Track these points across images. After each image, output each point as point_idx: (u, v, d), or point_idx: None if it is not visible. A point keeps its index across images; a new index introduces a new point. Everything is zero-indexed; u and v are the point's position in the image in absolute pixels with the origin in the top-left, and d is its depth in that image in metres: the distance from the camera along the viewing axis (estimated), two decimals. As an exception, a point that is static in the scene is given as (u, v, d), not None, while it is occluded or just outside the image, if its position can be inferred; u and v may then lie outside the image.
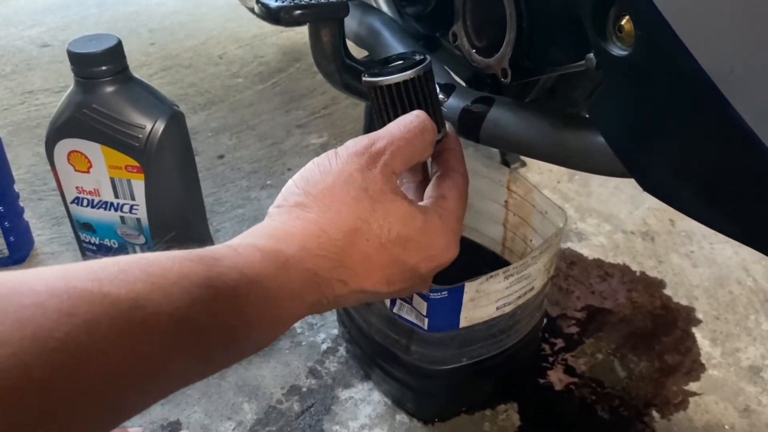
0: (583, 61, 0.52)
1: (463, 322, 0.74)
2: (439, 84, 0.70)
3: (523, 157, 1.34)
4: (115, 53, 0.82)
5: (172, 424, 0.84)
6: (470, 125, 0.66)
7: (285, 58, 1.81)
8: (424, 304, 0.72)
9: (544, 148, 0.62)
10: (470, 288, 0.70)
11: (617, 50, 0.47)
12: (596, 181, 1.32)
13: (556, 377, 0.92)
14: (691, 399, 0.89)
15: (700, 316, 1.02)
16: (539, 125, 0.62)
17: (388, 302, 0.75)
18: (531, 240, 0.87)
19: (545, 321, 0.99)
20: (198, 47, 1.87)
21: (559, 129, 0.61)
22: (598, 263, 1.12)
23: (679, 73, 0.42)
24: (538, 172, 1.34)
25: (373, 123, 1.28)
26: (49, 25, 2.00)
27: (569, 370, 0.93)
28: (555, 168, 1.34)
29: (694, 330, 1.00)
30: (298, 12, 0.57)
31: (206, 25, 2.00)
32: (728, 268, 1.11)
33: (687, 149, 0.45)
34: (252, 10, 1.27)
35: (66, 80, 1.69)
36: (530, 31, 0.57)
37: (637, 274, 1.10)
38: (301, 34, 1.91)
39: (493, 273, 0.70)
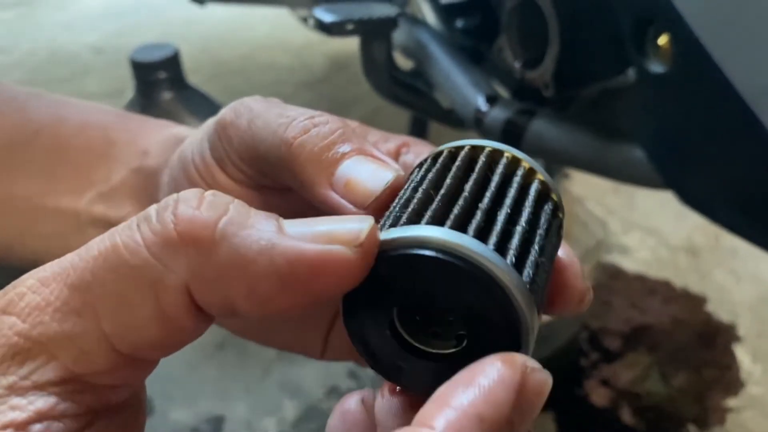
0: (623, 76, 0.53)
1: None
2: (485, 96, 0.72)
3: (566, 169, 1.34)
4: (173, 62, 0.86)
5: (216, 418, 0.87)
6: (513, 135, 0.67)
7: (331, 66, 1.85)
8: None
9: (583, 158, 0.63)
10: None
11: (655, 67, 0.49)
12: (641, 195, 1.32)
13: (595, 389, 0.92)
14: (729, 415, 0.89)
15: (741, 332, 1.01)
16: (579, 137, 0.64)
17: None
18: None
19: (586, 333, 1.00)
20: (247, 55, 1.91)
21: (599, 141, 0.62)
22: (641, 277, 1.12)
23: (713, 91, 0.44)
24: (582, 184, 1.34)
25: (416, 134, 1.29)
26: (104, 32, 2.07)
27: (608, 383, 0.93)
28: (599, 181, 1.34)
29: (735, 346, 0.99)
30: (351, 26, 0.60)
31: (256, 33, 2.04)
32: (772, 285, 1.10)
33: (721, 164, 0.46)
34: (303, 19, 1.31)
35: (120, 85, 1.75)
36: (572, 45, 0.59)
37: (680, 289, 1.09)
38: (346, 43, 1.94)
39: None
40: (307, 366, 0.95)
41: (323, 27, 0.59)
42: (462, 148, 0.26)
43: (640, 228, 1.23)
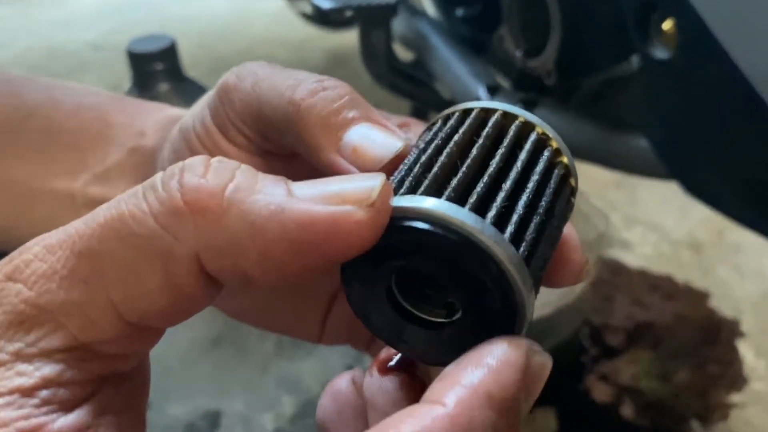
0: (626, 64, 0.52)
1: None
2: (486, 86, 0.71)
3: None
4: (170, 53, 0.85)
5: (213, 413, 0.86)
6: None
7: (330, 62, 1.84)
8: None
9: (586, 149, 0.62)
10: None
11: (660, 53, 0.48)
12: (643, 190, 1.31)
13: (596, 385, 0.91)
14: (732, 411, 0.88)
15: (745, 328, 1.00)
16: (582, 127, 0.63)
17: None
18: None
19: (587, 329, 0.99)
20: (246, 50, 1.91)
21: (602, 131, 0.62)
22: (643, 273, 1.11)
23: (720, 77, 0.43)
24: (584, 178, 1.33)
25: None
26: (102, 29, 2.06)
27: (610, 379, 0.92)
28: (601, 176, 1.33)
29: (738, 342, 0.98)
30: (350, 13, 0.59)
31: (254, 29, 2.04)
32: (776, 281, 1.09)
33: (727, 151, 0.45)
34: (302, 14, 1.30)
35: (118, 81, 1.74)
36: (574, 33, 0.58)
37: (683, 285, 1.08)
38: (345, 39, 1.93)
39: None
40: (305, 361, 0.94)
41: (322, 14, 0.58)
42: (493, 112, 0.25)
43: (642, 223, 1.22)
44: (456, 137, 0.24)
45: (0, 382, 0.20)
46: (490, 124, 0.25)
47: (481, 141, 0.24)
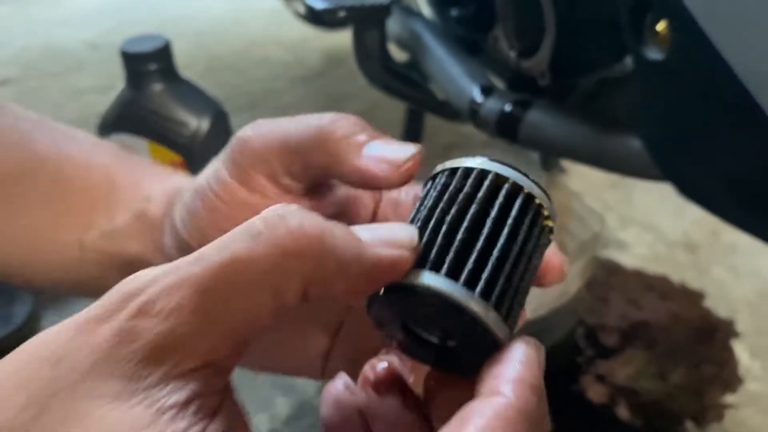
0: (621, 65, 0.52)
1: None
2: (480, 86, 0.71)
3: (563, 164, 1.33)
4: (164, 53, 0.85)
5: (207, 416, 0.86)
6: (508, 126, 0.66)
7: (326, 62, 1.84)
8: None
9: (580, 150, 0.62)
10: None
11: (653, 54, 0.48)
12: (639, 190, 1.31)
13: (591, 385, 0.91)
14: (727, 411, 0.88)
15: (740, 328, 1.00)
16: (576, 128, 0.63)
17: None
18: (569, 245, 0.86)
19: (582, 330, 0.99)
20: (242, 50, 1.90)
21: (596, 132, 0.61)
22: (639, 273, 1.11)
23: (713, 78, 0.43)
24: (579, 179, 1.33)
25: (412, 127, 1.28)
26: (100, 28, 2.06)
27: (604, 379, 0.92)
28: (596, 176, 1.33)
29: (733, 343, 0.98)
30: (343, 14, 0.59)
31: (250, 29, 2.03)
32: (771, 281, 1.09)
33: (721, 153, 0.45)
34: (297, 13, 1.30)
35: (114, 80, 1.73)
36: (568, 33, 0.58)
37: (678, 285, 1.08)
38: (342, 39, 1.93)
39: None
40: (300, 362, 0.94)
41: (315, 14, 0.58)
42: (505, 181, 0.29)
43: (637, 223, 1.22)
44: (473, 209, 0.29)
45: (160, 400, 0.25)
46: (502, 195, 0.29)
47: (494, 213, 0.29)
